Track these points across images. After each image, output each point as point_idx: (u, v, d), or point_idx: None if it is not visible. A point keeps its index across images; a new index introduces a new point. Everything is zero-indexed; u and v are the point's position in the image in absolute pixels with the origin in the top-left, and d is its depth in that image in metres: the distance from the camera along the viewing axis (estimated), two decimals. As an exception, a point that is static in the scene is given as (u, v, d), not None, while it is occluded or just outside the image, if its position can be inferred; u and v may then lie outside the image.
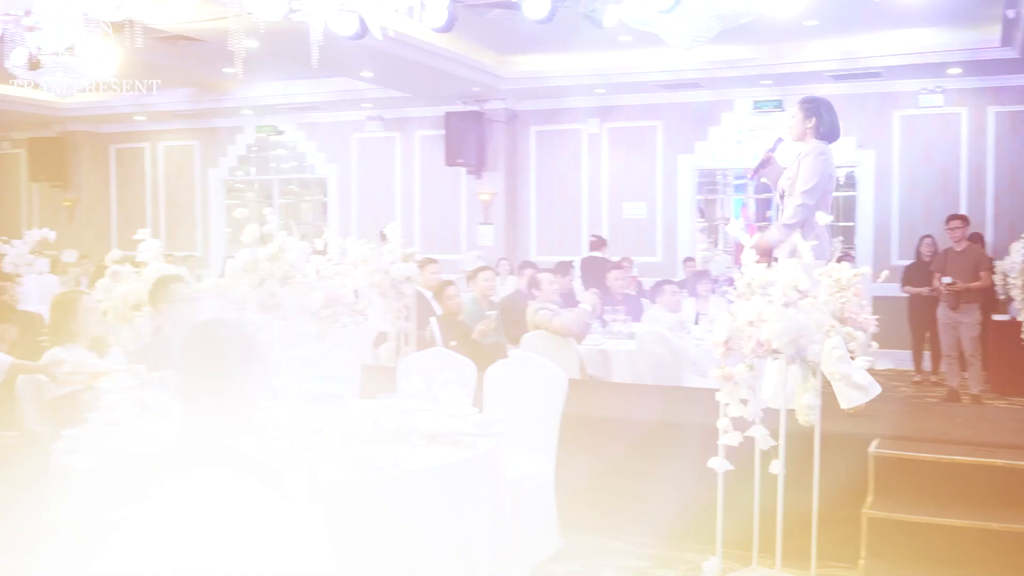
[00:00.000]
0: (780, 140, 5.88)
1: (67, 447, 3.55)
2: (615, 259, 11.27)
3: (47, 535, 3.44)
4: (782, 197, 5.68)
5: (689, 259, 12.82)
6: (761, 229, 11.61)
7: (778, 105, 12.78)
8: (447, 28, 8.40)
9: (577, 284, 11.57)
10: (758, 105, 13.00)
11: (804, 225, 5.35)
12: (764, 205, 14.00)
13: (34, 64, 8.27)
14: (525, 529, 4.41)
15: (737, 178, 14.46)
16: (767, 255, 5.21)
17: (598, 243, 12.44)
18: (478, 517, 3.45)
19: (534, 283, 7.54)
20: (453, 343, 7.22)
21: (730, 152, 13.38)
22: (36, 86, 10.16)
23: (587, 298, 7.43)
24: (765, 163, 5.85)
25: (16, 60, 7.29)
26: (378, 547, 3.08)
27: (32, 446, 4.28)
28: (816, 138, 5.57)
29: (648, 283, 10.71)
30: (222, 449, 2.40)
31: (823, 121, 5.55)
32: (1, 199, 18.31)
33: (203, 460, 2.37)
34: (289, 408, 3.63)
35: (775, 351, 4.13)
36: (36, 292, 11.53)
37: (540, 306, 7.14)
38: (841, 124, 5.82)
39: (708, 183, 14.36)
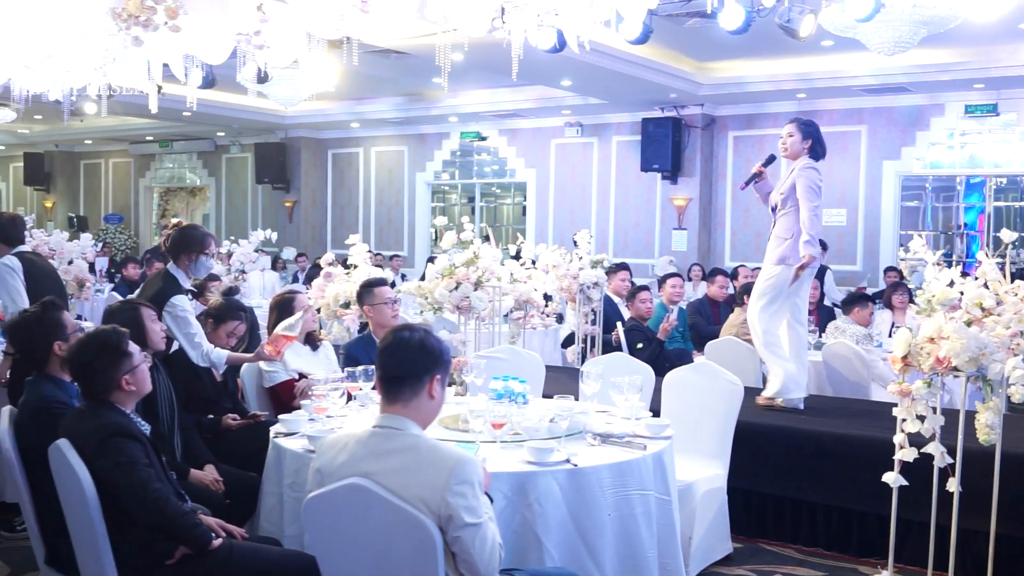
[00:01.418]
0: (773, 157, 6.24)
1: (282, 429, 4.01)
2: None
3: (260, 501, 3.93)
4: (773, 211, 6.01)
5: (891, 269, 12.41)
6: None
7: (992, 110, 12.21)
8: (643, 40, 8.61)
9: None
10: (970, 109, 12.44)
11: (794, 235, 5.79)
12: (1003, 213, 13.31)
13: (262, 78, 9.08)
14: (696, 532, 4.56)
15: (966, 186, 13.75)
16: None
17: None
18: (646, 516, 3.63)
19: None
20: (640, 345, 7.41)
21: (942, 157, 12.86)
22: (264, 97, 11.11)
23: None
24: (757, 177, 6.19)
25: (247, 74, 8.01)
26: (547, 535, 3.33)
27: (255, 427, 4.82)
28: (810, 157, 5.87)
29: (845, 293, 10.49)
30: (412, 439, 2.74)
31: (819, 141, 5.91)
32: (231, 200, 19.88)
33: (395, 448, 2.73)
34: (476, 404, 3.94)
35: (955, 369, 4.10)
36: (258, 287, 12.56)
37: (747, 316, 7.20)
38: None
39: (915, 190, 13.82)
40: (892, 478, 4.31)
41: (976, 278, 4.29)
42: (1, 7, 4.75)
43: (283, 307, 5.39)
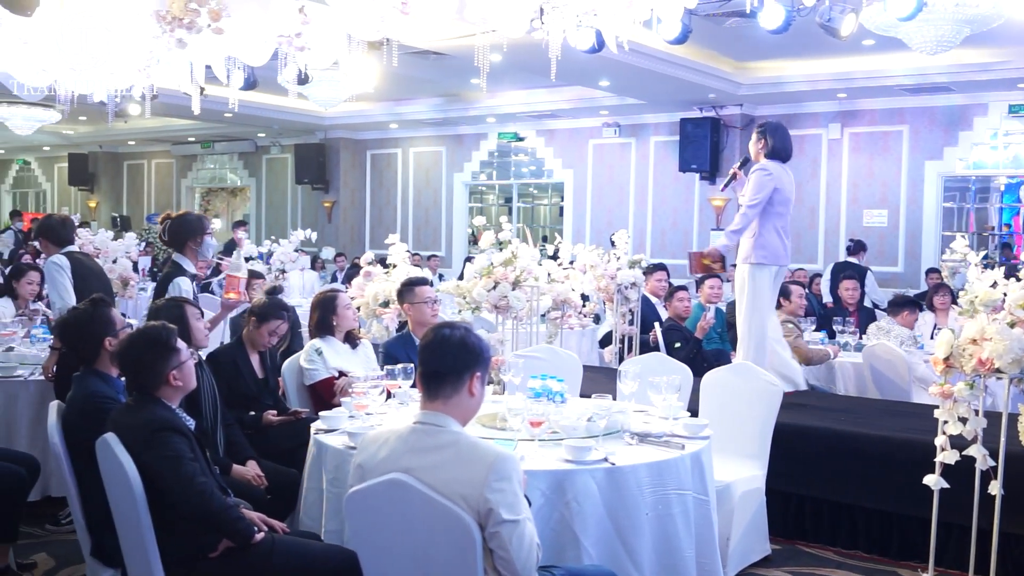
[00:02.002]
0: (748, 159, 6.45)
1: (323, 426, 4.06)
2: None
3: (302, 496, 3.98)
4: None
5: (932, 270, 12.27)
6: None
7: (1036, 109, 12.04)
8: (681, 40, 8.59)
9: (825, 290, 11.38)
10: (1014, 109, 12.26)
11: (754, 234, 6.07)
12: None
13: (303, 79, 9.16)
14: (734, 533, 4.55)
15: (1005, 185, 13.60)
16: (720, 260, 6.29)
17: (856, 248, 12.04)
18: (684, 516, 3.63)
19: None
20: (677, 345, 7.40)
21: (985, 158, 12.70)
22: (304, 98, 11.21)
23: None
24: (733, 179, 6.45)
25: (287, 76, 8.07)
26: (585, 534, 3.34)
27: (296, 424, 4.87)
28: (767, 157, 6.14)
29: (889, 294, 10.41)
30: (452, 435, 2.77)
31: (768, 143, 6.15)
32: (271, 200, 20.08)
33: (435, 444, 2.75)
34: (514, 402, 3.97)
35: (997, 371, 4.06)
36: (298, 287, 12.68)
37: (786, 318, 7.18)
38: None
39: (958, 190, 13.66)
40: (933, 481, 4.28)
41: (1020, 279, 4.25)
42: (47, 11, 4.84)
43: (325, 306, 5.44)
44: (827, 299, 11.06)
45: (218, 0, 4.69)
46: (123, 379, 3.65)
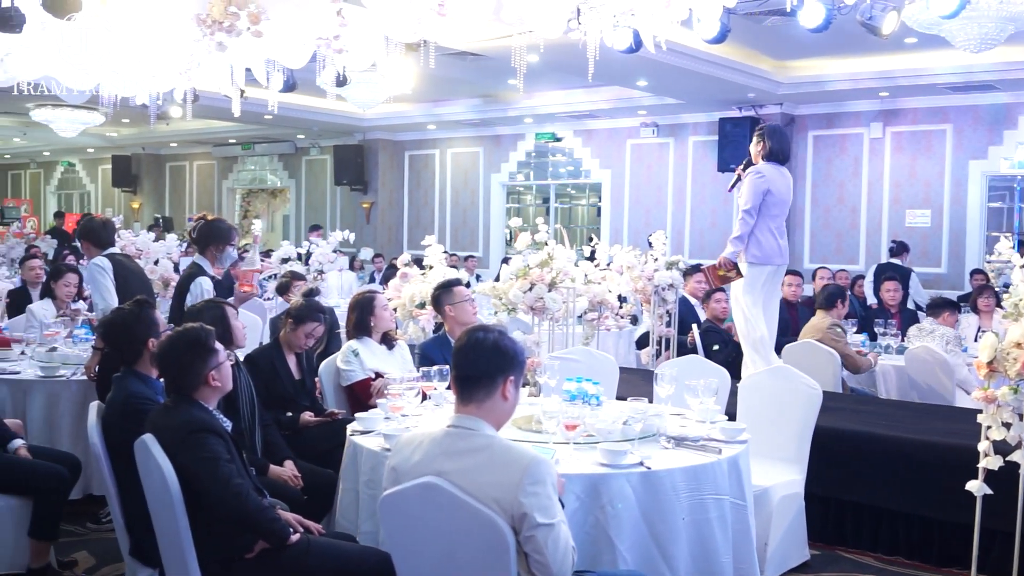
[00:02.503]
0: (751, 160, 6.45)
1: (359, 427, 4.07)
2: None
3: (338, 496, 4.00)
4: None
5: (977, 271, 12.07)
6: None
7: (1084, 108, 11.79)
8: (720, 39, 8.52)
9: (869, 292, 11.24)
10: (1060, 107, 12.04)
11: (750, 237, 6.15)
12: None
13: (341, 81, 9.21)
14: (772, 538, 4.51)
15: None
16: (734, 268, 6.18)
17: (899, 249, 11.88)
18: (720, 521, 3.60)
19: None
20: (716, 347, 7.35)
21: (1031, 157, 12.48)
22: (342, 100, 11.27)
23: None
24: (738, 180, 6.51)
25: (326, 78, 8.12)
26: (620, 538, 3.32)
27: (332, 425, 4.90)
28: (764, 160, 6.25)
29: (934, 295, 10.23)
30: (486, 439, 2.77)
31: (766, 146, 6.27)
32: (311, 200, 20.22)
33: (469, 447, 2.75)
34: (549, 405, 3.95)
35: (1043, 375, 3.98)
36: (336, 287, 12.76)
37: (833, 322, 7.12)
38: None
39: (1003, 190, 13.43)
40: (976, 487, 4.21)
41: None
42: (89, 14, 4.90)
43: (362, 307, 5.47)
44: (871, 301, 10.93)
45: (257, 3, 4.73)
46: (162, 380, 3.69)
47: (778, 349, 7.43)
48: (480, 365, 2.82)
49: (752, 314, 6.13)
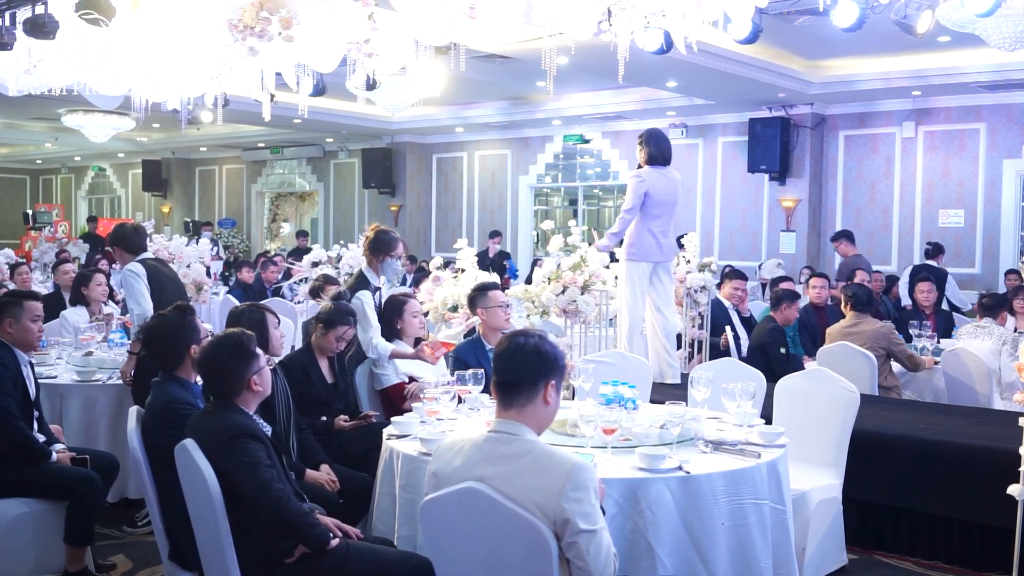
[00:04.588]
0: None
1: (395, 431, 4.07)
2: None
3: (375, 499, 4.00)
4: None
5: (1011, 271, 11.92)
6: None
7: (1119, 105, 11.62)
8: (752, 40, 8.45)
9: (904, 294, 11.13)
10: (1096, 105, 11.87)
11: (629, 233, 6.67)
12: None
13: (371, 85, 9.23)
14: (810, 543, 4.46)
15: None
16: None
17: (935, 251, 11.76)
18: (760, 526, 3.56)
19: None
20: (783, 351, 7.28)
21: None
22: (371, 103, 11.30)
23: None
24: None
25: (356, 81, 8.15)
26: (659, 543, 3.29)
27: (367, 428, 4.90)
28: (647, 164, 6.76)
29: (972, 296, 10.12)
30: (527, 444, 2.75)
31: (655, 148, 6.80)
32: (339, 204, 20.29)
33: (510, 453, 2.73)
34: (586, 409, 3.93)
35: (1088, 378, 3.92)
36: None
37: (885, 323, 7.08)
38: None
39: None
40: (1017, 491, 4.15)
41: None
42: (122, 21, 4.93)
43: (392, 309, 5.47)
44: (906, 302, 10.82)
45: (289, 8, 4.75)
46: (201, 385, 3.70)
47: (811, 352, 7.39)
48: (521, 370, 2.80)
49: (629, 305, 6.62)
